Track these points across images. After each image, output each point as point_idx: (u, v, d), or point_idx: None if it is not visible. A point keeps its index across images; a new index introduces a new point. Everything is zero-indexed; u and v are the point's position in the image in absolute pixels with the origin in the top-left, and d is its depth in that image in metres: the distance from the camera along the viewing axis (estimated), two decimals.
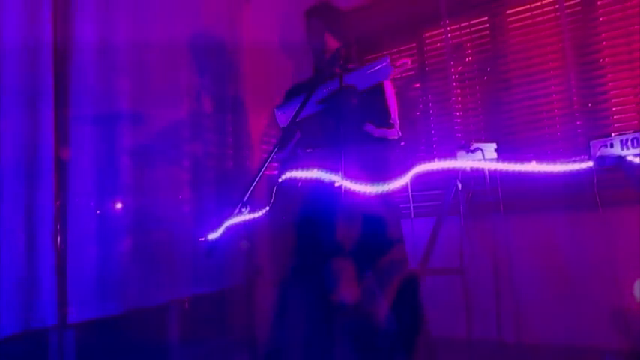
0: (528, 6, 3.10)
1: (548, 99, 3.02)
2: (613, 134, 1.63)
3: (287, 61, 3.46)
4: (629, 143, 1.60)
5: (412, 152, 3.18)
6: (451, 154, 1.85)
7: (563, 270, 2.63)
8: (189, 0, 2.92)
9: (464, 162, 1.82)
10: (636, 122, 2.80)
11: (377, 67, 2.00)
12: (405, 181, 1.73)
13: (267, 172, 1.88)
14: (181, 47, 2.82)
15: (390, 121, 2.07)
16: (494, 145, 1.81)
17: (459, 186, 2.06)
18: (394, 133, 2.09)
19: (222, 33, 3.17)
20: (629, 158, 1.57)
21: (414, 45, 3.50)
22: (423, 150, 3.34)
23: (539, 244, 2.64)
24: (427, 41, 3.46)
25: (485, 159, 1.81)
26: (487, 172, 1.74)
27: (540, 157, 2.88)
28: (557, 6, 2.99)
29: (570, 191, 2.13)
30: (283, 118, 2.05)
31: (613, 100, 2.85)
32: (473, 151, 1.84)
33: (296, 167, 1.81)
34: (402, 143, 3.27)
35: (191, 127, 2.71)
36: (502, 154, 1.82)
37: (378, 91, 2.08)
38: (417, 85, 3.47)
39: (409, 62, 2.18)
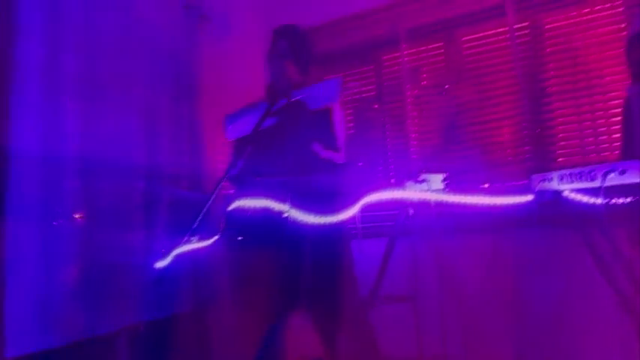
0: (482, 34, 3.21)
1: (499, 123, 3.11)
2: (557, 170, 1.68)
3: (248, 80, 3.45)
4: (566, 178, 1.66)
5: (365, 177, 3.21)
6: (400, 184, 1.88)
7: (509, 288, 2.70)
8: (144, 13, 2.87)
9: (411, 193, 1.85)
10: (579, 148, 2.93)
11: (326, 88, 2.01)
12: (353, 212, 1.75)
13: (222, 192, 1.87)
14: (135, 61, 2.76)
15: (337, 146, 2.10)
16: (441, 176, 1.86)
17: (410, 212, 2.09)
18: (340, 157, 2.11)
19: (179, 48, 3.13)
20: (566, 193, 1.63)
21: (372, 67, 3.55)
22: (380, 171, 3.38)
23: (487, 263, 2.70)
24: (385, 64, 3.52)
25: (432, 189, 1.85)
26: (433, 202, 1.79)
27: (492, 181, 2.99)
28: (508, 35, 3.10)
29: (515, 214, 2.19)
30: (231, 130, 2.05)
31: (559, 127, 2.97)
32: (421, 182, 1.88)
33: (245, 195, 1.80)
34: (360, 163, 3.30)
35: (143, 147, 2.66)
36: (450, 184, 1.86)
37: (326, 113, 2.09)
38: (375, 106, 3.51)
39: (358, 85, 2.22)
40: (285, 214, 1.70)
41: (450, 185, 1.86)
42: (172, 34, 3.09)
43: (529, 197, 1.70)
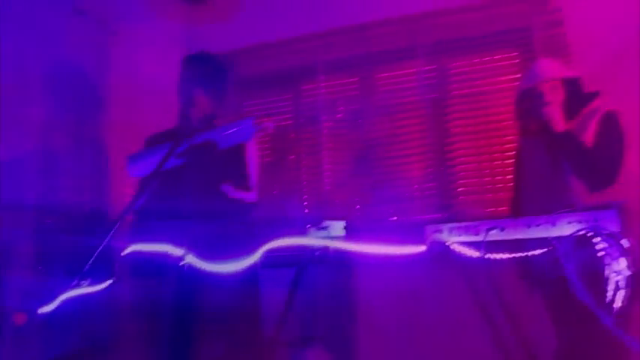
0: (394, 72, 3.35)
1: (407, 159, 3.26)
2: (448, 222, 1.78)
3: (160, 102, 3.35)
4: (455, 231, 1.77)
5: (277, 213, 3.21)
6: (302, 231, 1.92)
7: (419, 317, 2.81)
8: (47, 27, 2.72)
9: (312, 240, 1.89)
10: (478, 187, 3.14)
11: (239, 127, 2.01)
12: (256, 258, 1.75)
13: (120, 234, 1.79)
14: (35, 79, 2.60)
15: (249, 185, 2.09)
16: (343, 223, 1.92)
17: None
18: (252, 196, 2.11)
19: (85, 66, 2.99)
20: (453, 246, 1.74)
21: (291, 96, 3.58)
22: (293, 203, 3.41)
23: (396, 294, 2.78)
24: (304, 94, 3.57)
25: (332, 236, 1.90)
26: (332, 249, 1.84)
27: (399, 215, 3.11)
28: (417, 76, 3.26)
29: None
30: (135, 169, 1.98)
31: (460, 167, 3.16)
32: (323, 228, 1.92)
33: (144, 239, 1.74)
34: (275, 192, 3.30)
35: (40, 172, 2.50)
36: (351, 231, 1.92)
37: (239, 151, 2.09)
38: (292, 135, 3.54)
39: (272, 126, 2.23)
40: (184, 261, 1.66)
41: (351, 232, 1.91)
42: (79, 47, 2.95)
43: (422, 248, 1.79)
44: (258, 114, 3.68)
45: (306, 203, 3.44)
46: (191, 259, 1.68)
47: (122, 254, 1.72)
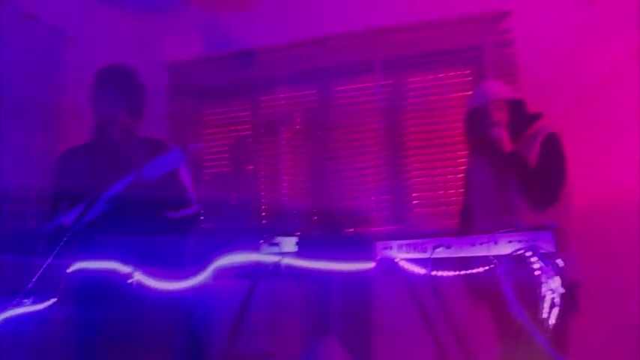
0: (352, 86, 3.41)
1: (363, 172, 3.31)
2: (397, 239, 1.82)
3: None
4: (403, 248, 1.81)
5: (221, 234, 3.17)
6: (254, 247, 1.92)
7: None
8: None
9: (263, 256, 1.89)
10: (432, 200, 3.22)
11: (168, 158, 1.98)
12: (205, 276, 1.75)
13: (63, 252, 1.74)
14: None
15: (187, 198, 2.10)
16: (294, 239, 1.94)
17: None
18: (194, 208, 2.11)
19: (38, 72, 2.91)
20: (401, 263, 1.78)
21: (249, 106, 3.58)
22: (248, 214, 3.40)
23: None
24: (262, 104, 3.57)
25: (284, 252, 1.92)
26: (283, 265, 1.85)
27: (355, 227, 3.15)
28: (374, 90, 3.32)
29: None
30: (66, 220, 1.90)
31: (415, 180, 3.24)
32: (274, 244, 1.93)
33: (87, 256, 1.71)
34: (232, 202, 3.29)
35: None
36: (302, 248, 1.94)
37: (173, 174, 2.06)
38: (250, 146, 3.54)
39: (200, 146, 2.24)
40: (130, 279, 1.64)
41: (302, 248, 1.93)
42: (34, 53, 2.87)
43: (371, 264, 1.82)
44: (217, 122, 3.67)
45: (264, 214, 3.44)
46: (139, 277, 1.65)
47: (67, 271, 1.68)
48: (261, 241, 1.91)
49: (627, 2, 2.96)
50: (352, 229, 3.22)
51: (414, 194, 3.22)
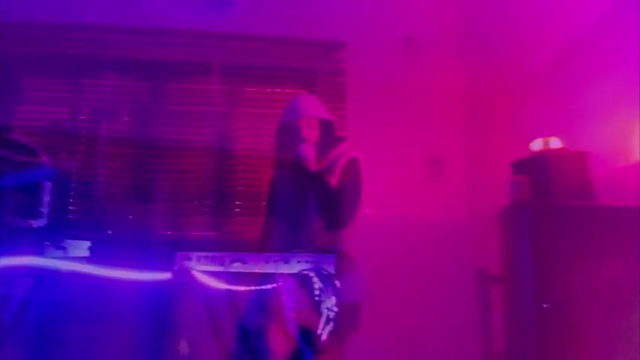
0: (188, 85, 3.32)
1: (190, 175, 3.24)
2: (197, 251, 1.81)
3: None
4: (203, 260, 1.81)
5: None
6: (38, 250, 1.74)
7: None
8: None
9: (47, 260, 1.73)
10: (254, 210, 3.28)
11: (37, 172, 1.80)
12: None
13: None
14: None
15: (39, 211, 1.91)
16: (87, 243, 1.80)
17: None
18: (41, 222, 1.93)
19: None
20: (197, 275, 1.77)
21: (70, 88, 3.26)
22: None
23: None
24: (86, 88, 3.27)
25: (72, 257, 1.77)
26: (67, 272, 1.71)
27: (174, 231, 3.05)
28: (211, 94, 3.29)
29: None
30: None
31: (239, 188, 3.27)
32: (62, 248, 1.78)
33: None
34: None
35: None
36: (96, 253, 1.81)
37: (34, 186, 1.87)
38: (67, 132, 3.21)
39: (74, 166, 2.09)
40: None
41: (96, 254, 1.81)
42: None
43: (168, 275, 1.79)
44: (36, 96, 3.26)
45: (72, 208, 3.15)
46: None
47: None
48: (47, 244, 1.74)
49: (449, 47, 3.39)
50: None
51: (237, 202, 3.25)
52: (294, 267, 1.69)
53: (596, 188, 2.23)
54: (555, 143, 2.41)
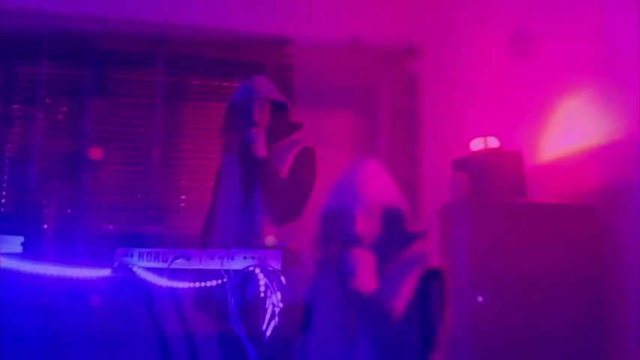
0: (131, 76, 3.22)
1: (133, 167, 3.15)
2: (139, 247, 1.77)
3: None
4: (145, 256, 1.77)
5: None
6: None
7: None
8: None
9: None
10: (200, 205, 3.23)
11: None
12: None
13: None
14: None
15: None
16: (20, 239, 1.72)
17: None
18: None
19: None
20: (138, 271, 1.74)
21: (2, 74, 3.06)
22: None
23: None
24: (20, 76, 3.09)
25: (3, 252, 1.69)
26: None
27: (114, 225, 2.95)
28: (154, 86, 3.20)
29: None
30: None
31: (184, 183, 3.21)
32: None
33: None
34: None
35: None
36: (30, 249, 1.73)
37: None
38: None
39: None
40: None
41: (30, 249, 1.73)
42: None
43: (106, 271, 1.73)
44: None
45: (4, 200, 2.99)
46: None
47: None
48: None
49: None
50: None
51: (182, 196, 3.19)
52: (240, 263, 1.68)
53: (527, 186, 2.36)
54: (493, 142, 2.53)
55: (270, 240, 1.73)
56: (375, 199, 1.49)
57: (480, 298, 1.91)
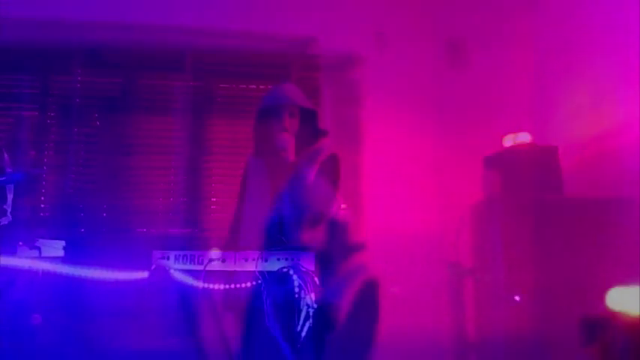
0: (161, 81, 3.28)
1: (162, 172, 3.20)
2: (175, 250, 1.79)
3: None
4: (180, 259, 1.80)
5: None
6: (11, 250, 1.70)
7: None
8: None
9: (19, 260, 1.70)
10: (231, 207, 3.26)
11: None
12: None
13: None
14: None
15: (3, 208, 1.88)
16: (62, 243, 1.77)
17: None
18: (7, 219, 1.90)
19: None
20: (175, 273, 1.77)
21: (39, 84, 3.16)
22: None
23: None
24: (56, 85, 3.18)
25: (44, 257, 1.74)
26: (41, 273, 1.67)
27: (147, 227, 3.01)
28: (182, 90, 3.24)
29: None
30: None
31: (215, 185, 3.25)
32: (35, 248, 1.74)
33: None
34: None
35: None
36: (71, 253, 1.78)
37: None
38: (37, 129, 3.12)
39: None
40: None
41: (71, 253, 1.78)
42: None
43: (145, 274, 1.77)
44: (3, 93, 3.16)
45: (43, 206, 3.08)
46: None
47: None
48: (20, 243, 1.70)
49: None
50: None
51: (213, 199, 3.23)
52: (274, 264, 1.70)
53: (564, 181, 2.30)
54: (525, 138, 2.48)
55: None
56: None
57: (517, 298, 1.88)
